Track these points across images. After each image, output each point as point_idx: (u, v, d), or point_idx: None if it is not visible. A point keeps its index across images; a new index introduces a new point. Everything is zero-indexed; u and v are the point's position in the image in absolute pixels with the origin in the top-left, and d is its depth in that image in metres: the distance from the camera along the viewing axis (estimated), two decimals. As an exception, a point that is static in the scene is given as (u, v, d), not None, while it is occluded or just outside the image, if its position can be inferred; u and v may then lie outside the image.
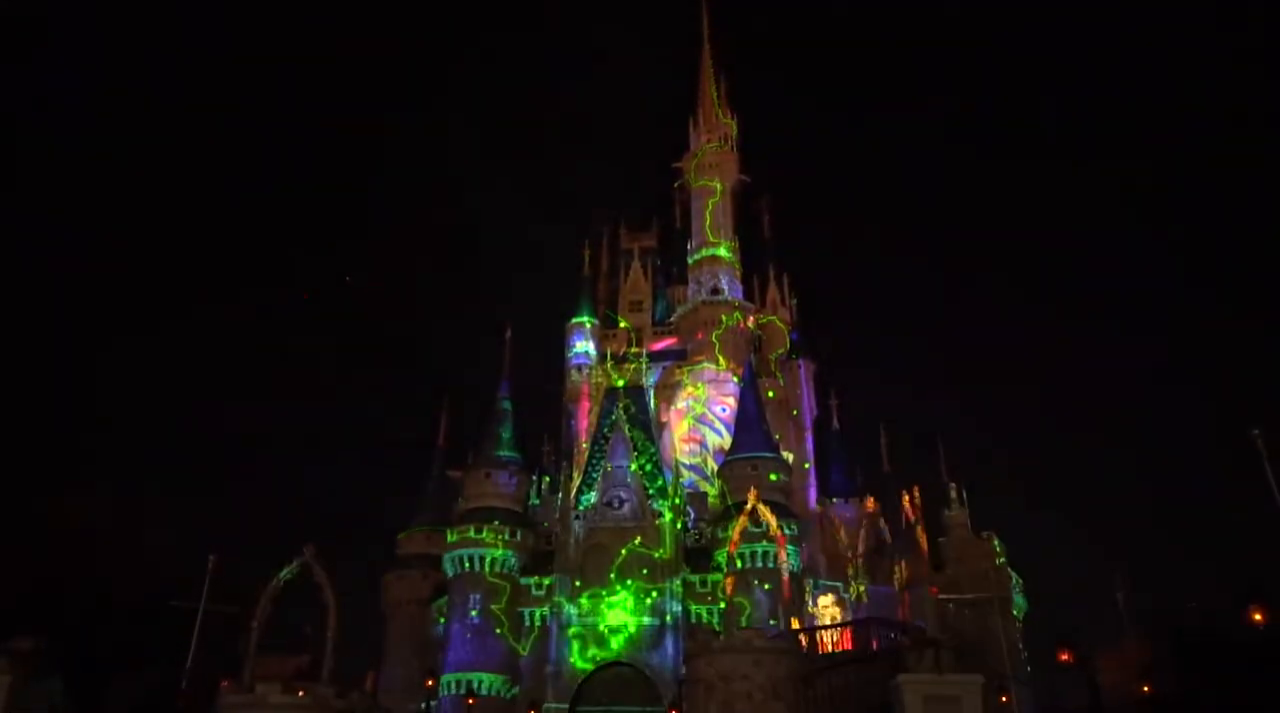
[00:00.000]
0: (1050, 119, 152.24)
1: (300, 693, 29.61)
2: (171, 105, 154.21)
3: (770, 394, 64.12)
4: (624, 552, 50.39)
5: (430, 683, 48.80)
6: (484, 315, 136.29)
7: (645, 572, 49.84)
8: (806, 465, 63.71)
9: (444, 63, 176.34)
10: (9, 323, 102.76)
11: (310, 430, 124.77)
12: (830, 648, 43.10)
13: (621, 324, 68.98)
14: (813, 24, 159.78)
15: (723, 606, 46.63)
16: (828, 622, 51.49)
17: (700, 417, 62.59)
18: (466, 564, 50.59)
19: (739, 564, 47.07)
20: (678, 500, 52.17)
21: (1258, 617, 30.96)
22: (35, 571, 37.38)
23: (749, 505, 44.08)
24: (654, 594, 49.21)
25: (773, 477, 52.16)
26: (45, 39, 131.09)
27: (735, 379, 61.70)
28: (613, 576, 50.00)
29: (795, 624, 47.01)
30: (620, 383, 59.11)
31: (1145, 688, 39.69)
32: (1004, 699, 38.93)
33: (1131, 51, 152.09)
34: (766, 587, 47.86)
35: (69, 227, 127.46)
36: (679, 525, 51.30)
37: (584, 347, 66.83)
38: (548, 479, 61.09)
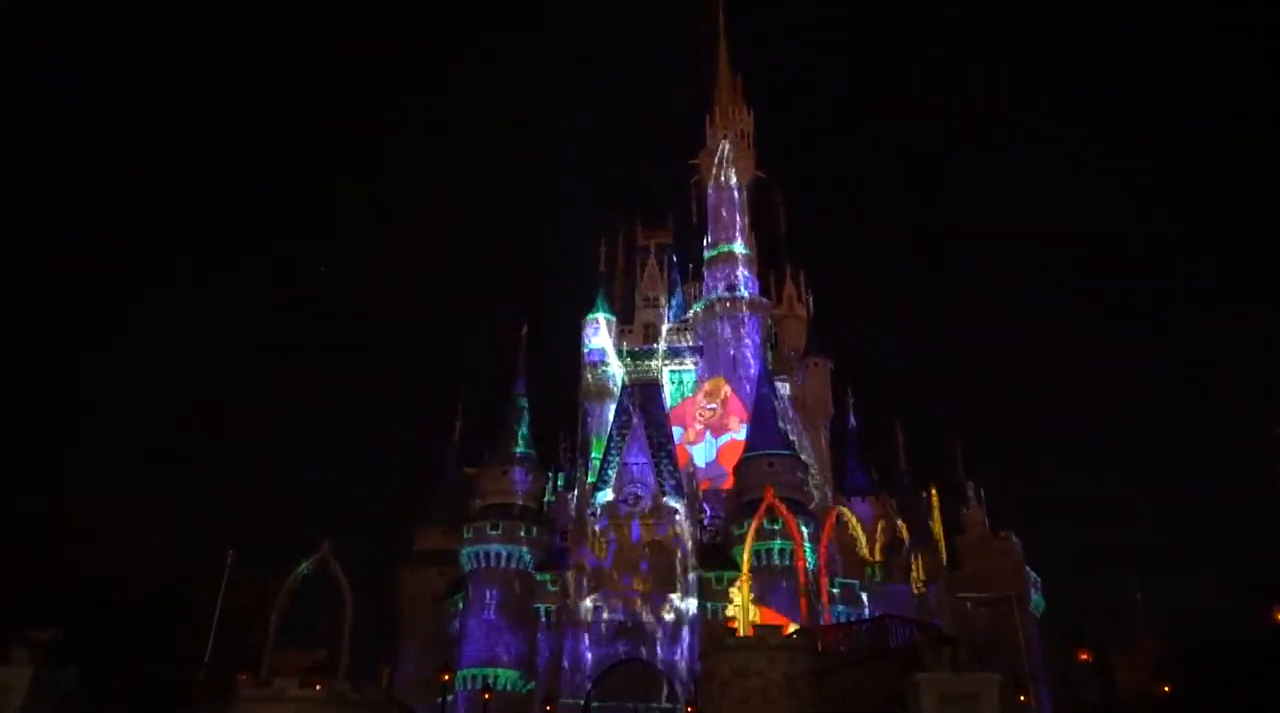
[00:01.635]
0: (1050, 119, 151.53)
1: (317, 687, 29.68)
2: (171, 105, 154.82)
3: (787, 391, 63.89)
4: (639, 548, 50.33)
5: (446, 678, 49.06)
6: (496, 312, 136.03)
7: (661, 568, 49.75)
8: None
9: (444, 63, 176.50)
10: (9, 323, 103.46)
11: (312, 430, 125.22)
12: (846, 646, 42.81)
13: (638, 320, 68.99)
14: (814, 23, 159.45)
15: (738, 602, 46.40)
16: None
17: (716, 413, 62.41)
18: (483, 560, 50.73)
19: (755, 561, 46.83)
20: (693, 497, 52.04)
21: (1280, 616, 30.71)
22: (36, 571, 37.33)
23: (765, 502, 43.84)
24: (669, 591, 49.13)
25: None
26: (45, 39, 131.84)
27: (751, 375, 61.47)
28: (628, 572, 49.95)
29: (811, 622, 46.76)
30: (636, 379, 58.99)
31: (1165, 688, 39.41)
32: (1022, 698, 38.63)
33: (1131, 51, 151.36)
34: (783, 584, 47.66)
35: (69, 226, 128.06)
36: (694, 522, 51.18)
37: (600, 343, 66.79)
38: (563, 476, 61.20)
